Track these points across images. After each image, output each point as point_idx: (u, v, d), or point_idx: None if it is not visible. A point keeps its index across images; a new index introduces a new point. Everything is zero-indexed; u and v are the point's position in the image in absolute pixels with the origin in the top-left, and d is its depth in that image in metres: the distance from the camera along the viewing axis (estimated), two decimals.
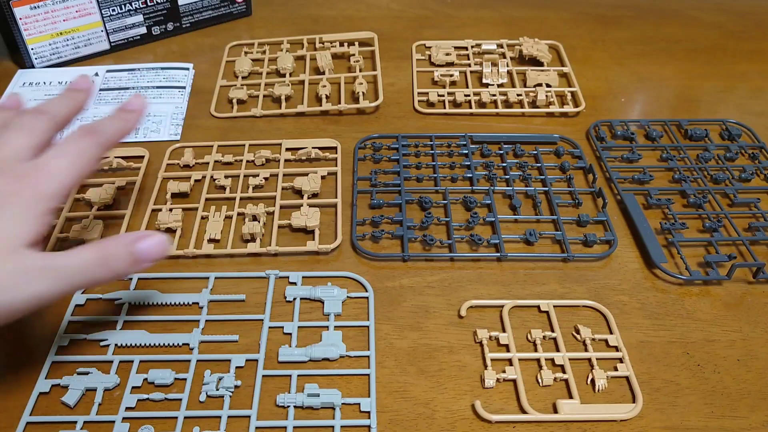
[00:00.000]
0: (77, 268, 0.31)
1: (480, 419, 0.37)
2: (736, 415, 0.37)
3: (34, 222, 0.30)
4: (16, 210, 0.30)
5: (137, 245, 0.32)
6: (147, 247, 0.32)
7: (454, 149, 0.55)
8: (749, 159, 0.55)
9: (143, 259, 0.32)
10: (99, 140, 0.34)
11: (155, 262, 0.33)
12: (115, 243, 0.32)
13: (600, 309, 0.43)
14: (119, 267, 0.32)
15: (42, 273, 0.30)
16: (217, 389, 0.38)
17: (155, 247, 0.32)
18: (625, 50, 0.68)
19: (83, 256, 0.31)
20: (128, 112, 0.37)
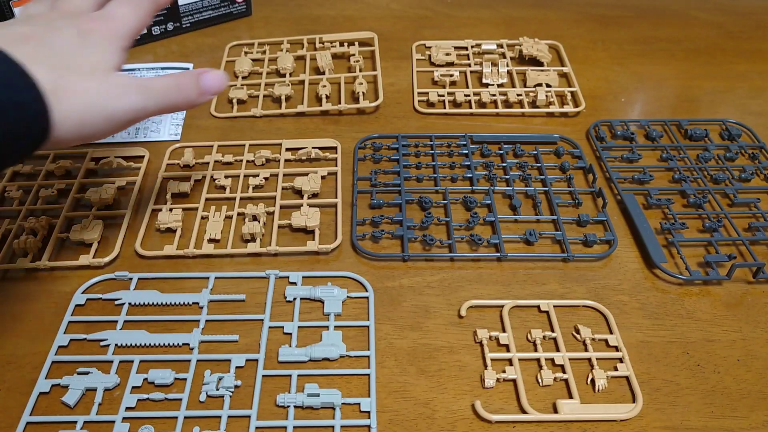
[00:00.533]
0: (160, 88, 0.35)
1: (480, 419, 0.37)
2: (736, 415, 0.37)
3: (115, 52, 0.35)
4: (99, 41, 0.34)
5: (202, 77, 0.37)
6: (210, 78, 0.37)
7: (454, 149, 0.55)
8: (749, 159, 0.55)
9: (206, 89, 0.37)
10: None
11: (216, 94, 0.38)
12: (186, 74, 0.37)
13: (600, 309, 0.43)
14: (190, 94, 0.37)
15: (135, 88, 0.34)
16: (217, 389, 0.38)
17: (216, 79, 0.38)
18: (625, 50, 0.68)
19: (163, 81, 0.36)
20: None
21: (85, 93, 0.32)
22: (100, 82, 0.33)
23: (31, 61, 0.30)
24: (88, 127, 0.33)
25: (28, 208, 0.49)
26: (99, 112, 0.33)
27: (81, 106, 0.32)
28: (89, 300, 0.43)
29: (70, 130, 0.32)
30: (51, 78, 0.31)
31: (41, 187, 0.51)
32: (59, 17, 0.35)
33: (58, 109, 0.31)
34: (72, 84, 0.32)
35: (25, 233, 0.47)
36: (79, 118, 0.32)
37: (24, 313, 0.42)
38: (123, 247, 0.47)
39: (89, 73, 0.33)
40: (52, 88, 0.31)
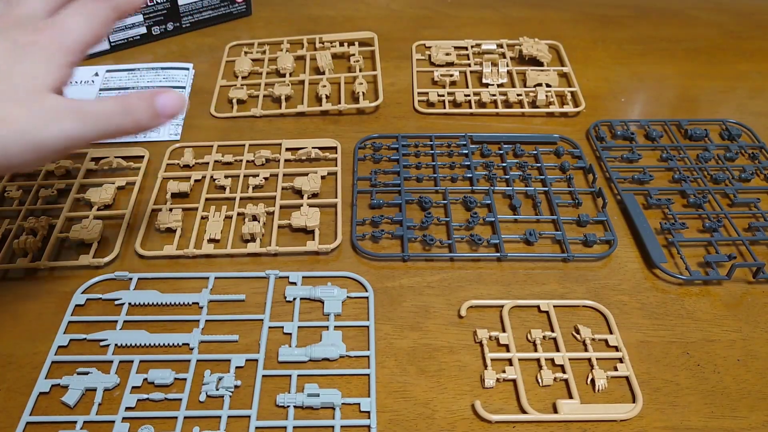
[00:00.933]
0: (103, 113, 0.32)
1: (480, 419, 0.37)
2: (736, 415, 0.37)
3: (56, 69, 0.31)
4: (37, 57, 0.31)
5: (157, 98, 0.33)
6: (165, 100, 0.33)
7: (454, 149, 0.55)
8: (749, 159, 0.55)
9: (162, 112, 0.33)
10: (113, 4, 0.35)
11: (172, 117, 0.34)
12: (137, 96, 0.33)
13: (600, 309, 0.43)
14: (141, 117, 0.33)
15: (69, 113, 0.31)
16: (217, 389, 0.38)
17: (172, 101, 0.33)
18: (625, 50, 0.68)
19: (107, 104, 0.32)
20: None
21: (12, 121, 0.29)
22: (30, 108, 0.30)
23: None
24: (12, 158, 0.30)
25: (28, 208, 0.49)
26: (26, 142, 0.30)
27: (5, 137, 0.29)
28: (89, 300, 0.43)
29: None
30: None
31: (41, 187, 0.51)
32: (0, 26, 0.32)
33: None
34: None
35: (25, 233, 0.47)
36: (1, 148, 0.29)
37: (24, 313, 0.42)
38: (123, 247, 0.47)
39: (18, 96, 0.30)
40: None
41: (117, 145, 0.55)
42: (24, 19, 0.33)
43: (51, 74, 0.31)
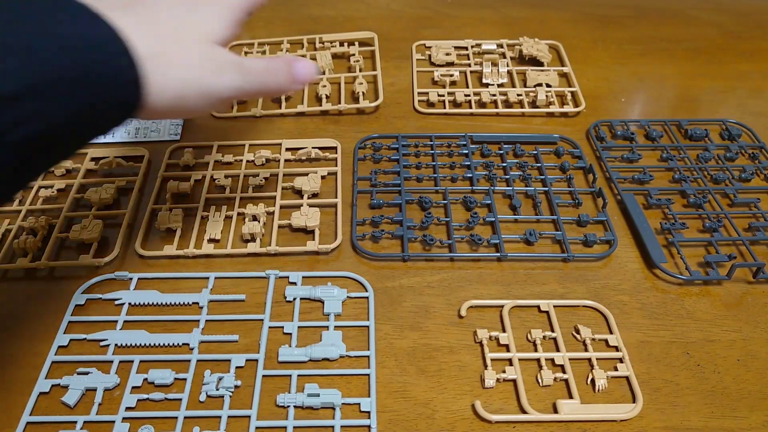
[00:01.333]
0: (256, 69, 0.34)
1: (480, 419, 0.37)
2: (736, 415, 0.37)
3: (225, 25, 0.34)
4: (209, 12, 0.33)
5: (294, 64, 0.36)
6: (301, 67, 0.36)
7: (454, 149, 0.55)
8: (749, 159, 0.55)
9: (297, 77, 0.36)
10: None
11: (305, 84, 0.38)
12: (279, 59, 0.36)
13: (600, 309, 0.43)
14: (282, 79, 0.36)
15: (234, 66, 0.33)
16: (217, 389, 0.38)
17: (307, 68, 0.36)
18: (625, 50, 0.68)
19: (259, 63, 0.35)
20: None
21: (186, 66, 0.31)
22: (202, 56, 0.32)
23: (131, 27, 0.29)
24: (185, 100, 0.32)
25: (28, 208, 0.49)
26: (197, 87, 0.32)
27: (180, 79, 0.31)
28: (89, 300, 0.43)
29: (166, 102, 0.31)
30: (150, 45, 0.29)
31: (41, 187, 0.51)
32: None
33: (155, 79, 0.30)
34: (173, 54, 0.31)
35: (25, 233, 0.47)
36: (177, 90, 0.31)
37: (24, 313, 0.42)
38: (123, 247, 0.47)
39: (192, 44, 0.32)
40: (150, 56, 0.29)
41: (117, 145, 0.55)
42: None
43: (220, 29, 0.33)
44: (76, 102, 0.27)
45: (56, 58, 0.26)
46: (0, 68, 0.25)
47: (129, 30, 0.28)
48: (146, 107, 0.30)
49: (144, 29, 0.29)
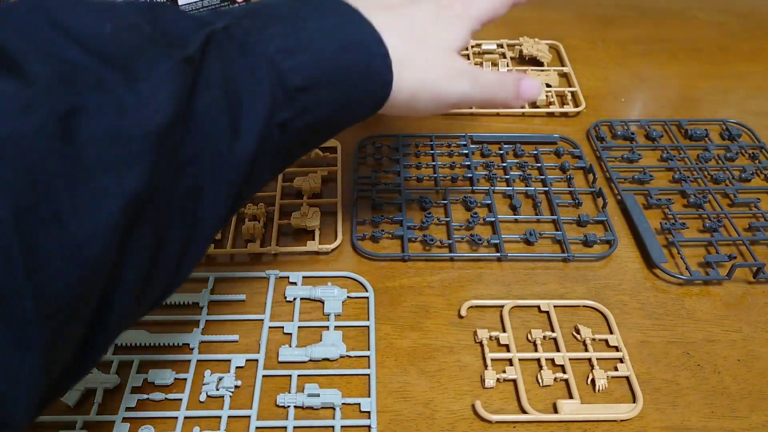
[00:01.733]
0: (487, 82, 0.36)
1: (480, 419, 0.37)
2: (736, 415, 0.37)
3: (463, 33, 0.35)
4: (452, 22, 0.35)
5: (522, 82, 0.37)
6: (529, 86, 0.37)
7: (454, 149, 0.55)
8: (749, 159, 0.55)
9: (523, 95, 0.37)
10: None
11: (529, 101, 0.39)
12: (509, 75, 0.37)
13: (600, 309, 0.43)
14: (509, 95, 0.37)
15: (467, 75, 0.35)
16: (217, 389, 0.38)
17: (534, 88, 0.37)
18: (625, 50, 0.68)
19: (491, 76, 0.36)
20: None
21: (426, 69, 0.33)
22: (441, 62, 0.34)
23: (388, 30, 0.31)
24: (418, 101, 0.33)
25: None
26: (432, 89, 0.34)
27: (418, 81, 0.33)
28: None
29: (402, 101, 0.33)
30: (401, 48, 0.32)
31: None
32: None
33: (398, 79, 0.32)
34: (417, 57, 0.33)
35: None
36: (413, 91, 0.33)
37: None
38: None
39: (434, 51, 0.34)
40: (399, 59, 0.31)
41: None
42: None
43: (459, 38, 0.35)
44: (344, 96, 0.30)
45: (336, 55, 0.29)
46: (294, 63, 0.28)
47: (387, 34, 0.31)
48: (387, 103, 0.32)
49: (399, 34, 0.32)
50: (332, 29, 0.30)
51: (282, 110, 0.28)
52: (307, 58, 0.28)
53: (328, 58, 0.29)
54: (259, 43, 0.27)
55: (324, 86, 0.29)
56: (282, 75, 0.27)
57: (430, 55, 0.33)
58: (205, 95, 0.25)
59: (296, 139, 0.30)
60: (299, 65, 0.28)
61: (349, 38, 0.30)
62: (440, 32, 0.34)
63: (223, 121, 0.26)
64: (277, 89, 0.27)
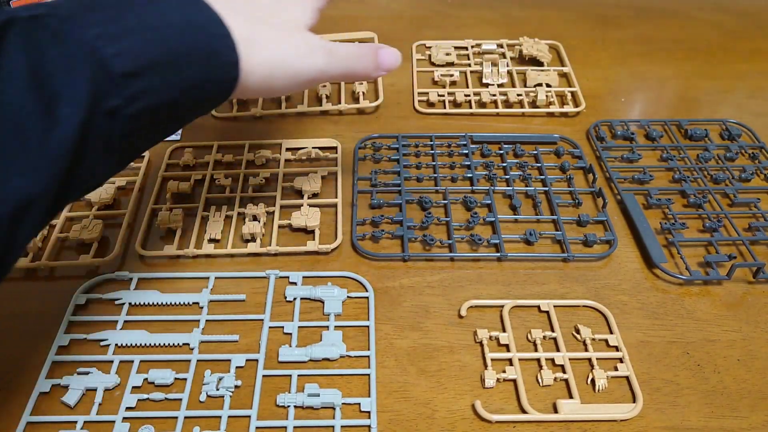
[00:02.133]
0: (344, 54, 0.36)
1: (480, 419, 0.37)
2: (736, 415, 0.37)
3: (309, 12, 0.37)
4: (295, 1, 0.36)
5: (379, 52, 0.38)
6: (386, 54, 0.38)
7: (454, 149, 0.55)
8: (749, 159, 0.55)
9: (382, 64, 0.38)
10: None
11: (389, 71, 0.39)
12: (365, 46, 0.38)
13: (600, 309, 0.43)
14: (368, 65, 0.37)
15: (322, 50, 0.35)
16: (217, 389, 0.38)
17: (392, 56, 0.38)
18: (625, 50, 0.68)
19: (346, 48, 0.37)
20: None
21: (276, 47, 0.33)
22: (291, 39, 0.34)
23: (228, 12, 0.31)
24: (273, 80, 0.34)
25: None
26: (286, 67, 0.34)
27: (270, 60, 0.33)
28: (89, 300, 0.43)
29: (256, 82, 0.33)
30: (245, 29, 0.32)
31: None
32: None
33: (248, 60, 0.32)
34: (264, 37, 0.33)
35: None
36: (266, 71, 0.33)
37: (24, 313, 0.42)
38: (123, 247, 0.47)
39: (282, 28, 0.34)
40: (244, 39, 0.31)
41: None
42: None
43: (306, 16, 0.36)
44: (184, 79, 0.30)
45: (170, 39, 0.29)
46: (122, 47, 0.27)
47: (229, 16, 0.31)
48: (239, 87, 0.32)
49: (241, 14, 0.32)
50: (165, 12, 0.30)
51: (109, 97, 0.27)
52: (134, 43, 0.28)
53: (160, 41, 0.29)
54: (76, 30, 0.27)
55: (159, 71, 0.29)
56: (104, 61, 0.27)
57: (279, 33, 0.34)
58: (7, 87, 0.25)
59: (134, 127, 0.29)
60: (125, 50, 0.27)
61: (186, 20, 0.30)
62: (285, 12, 0.35)
63: (34, 112, 0.25)
64: (99, 75, 0.27)
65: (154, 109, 0.29)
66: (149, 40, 0.28)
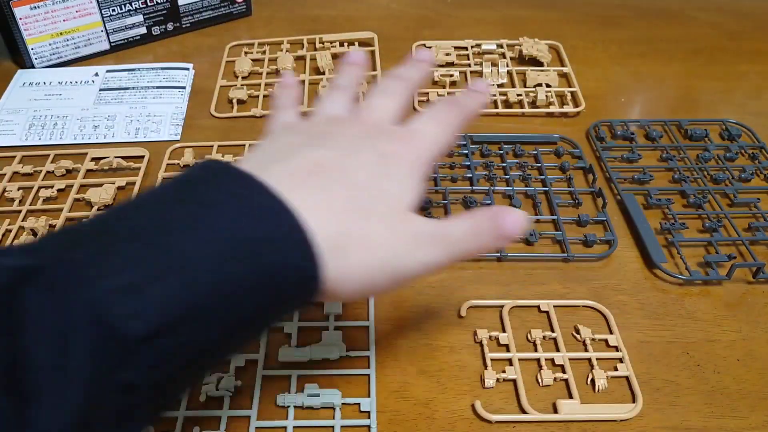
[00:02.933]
0: (457, 237, 0.29)
1: (480, 419, 0.37)
2: (736, 415, 0.37)
3: (416, 185, 0.29)
4: (401, 171, 0.28)
5: (502, 219, 0.29)
6: (510, 221, 0.29)
7: (454, 149, 0.54)
8: (749, 159, 0.55)
9: (505, 234, 0.29)
10: (461, 111, 0.33)
11: (514, 240, 0.30)
12: (485, 215, 0.29)
13: (600, 309, 0.43)
14: (486, 240, 0.29)
15: (431, 239, 0.28)
16: (217, 389, 0.38)
17: (516, 222, 0.29)
18: (625, 50, 0.68)
19: (461, 227, 0.29)
20: (477, 93, 0.35)
21: (376, 247, 0.26)
22: (395, 231, 0.27)
23: (316, 206, 0.24)
24: (370, 286, 0.27)
25: (28, 209, 0.49)
26: (390, 269, 0.27)
27: (366, 264, 0.26)
28: None
29: (348, 289, 0.26)
30: (336, 229, 0.25)
31: (41, 187, 0.51)
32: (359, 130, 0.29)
33: (337, 266, 0.25)
34: (361, 235, 0.26)
35: (26, 233, 0.47)
36: (361, 277, 0.26)
37: None
38: None
39: (384, 217, 0.27)
40: (334, 243, 0.25)
41: (117, 145, 0.55)
42: (383, 125, 0.31)
43: (413, 191, 0.28)
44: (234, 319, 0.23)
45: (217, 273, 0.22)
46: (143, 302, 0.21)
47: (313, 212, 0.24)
48: (326, 296, 0.26)
49: (332, 207, 0.25)
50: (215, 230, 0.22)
51: (120, 370, 0.20)
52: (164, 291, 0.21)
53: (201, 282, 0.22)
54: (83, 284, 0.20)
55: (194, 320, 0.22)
56: (113, 325, 0.20)
57: (377, 227, 0.26)
58: None
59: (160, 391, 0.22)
60: (145, 306, 0.21)
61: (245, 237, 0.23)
62: (389, 190, 0.27)
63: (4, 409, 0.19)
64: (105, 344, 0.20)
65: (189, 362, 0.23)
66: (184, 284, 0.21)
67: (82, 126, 0.57)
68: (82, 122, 0.57)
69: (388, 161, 0.28)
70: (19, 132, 0.57)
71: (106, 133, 0.57)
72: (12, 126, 0.57)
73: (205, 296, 0.22)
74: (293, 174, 0.25)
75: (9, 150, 0.55)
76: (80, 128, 0.57)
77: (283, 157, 0.27)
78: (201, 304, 0.22)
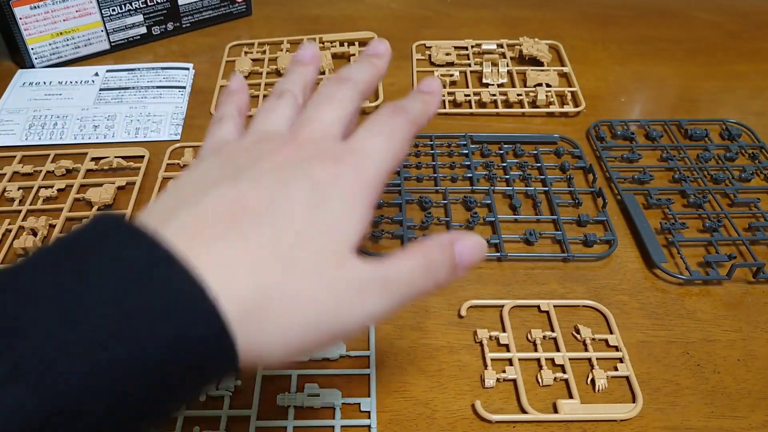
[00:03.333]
0: (406, 280, 0.24)
1: (480, 419, 0.37)
2: (736, 415, 0.37)
3: (360, 217, 0.24)
4: (342, 201, 0.23)
5: (456, 247, 0.26)
6: (467, 249, 0.26)
7: (454, 149, 0.55)
8: (749, 159, 0.55)
9: (463, 264, 0.26)
10: (410, 118, 0.27)
11: (470, 269, 0.27)
12: (436, 247, 0.25)
13: (600, 309, 0.43)
14: (440, 275, 0.25)
15: (373, 285, 0.23)
16: (217, 389, 0.38)
17: (474, 249, 0.26)
18: (625, 50, 0.68)
19: (409, 265, 0.24)
20: (427, 94, 0.30)
21: (305, 304, 0.22)
22: (329, 281, 0.22)
23: (227, 261, 0.20)
24: (304, 347, 0.22)
25: (28, 209, 0.49)
26: (322, 327, 0.22)
27: (295, 325, 0.21)
28: None
29: (277, 355, 0.22)
30: (254, 288, 0.21)
31: (41, 187, 0.51)
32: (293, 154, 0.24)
33: (257, 331, 0.21)
34: (286, 292, 0.21)
35: (25, 233, 0.47)
36: (290, 340, 0.22)
37: None
38: None
39: (316, 265, 0.22)
40: (251, 306, 0.20)
41: (117, 145, 0.55)
42: (322, 143, 0.25)
43: (356, 223, 0.24)
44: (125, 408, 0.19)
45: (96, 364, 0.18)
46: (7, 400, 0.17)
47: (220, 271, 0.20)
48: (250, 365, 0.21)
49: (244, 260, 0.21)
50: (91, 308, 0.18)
51: None
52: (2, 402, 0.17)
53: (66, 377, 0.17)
54: None
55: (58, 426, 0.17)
56: None
57: (308, 278, 0.22)
58: None
59: None
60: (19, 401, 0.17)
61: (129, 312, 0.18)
62: (325, 226, 0.23)
63: None
64: None
65: None
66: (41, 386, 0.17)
67: (82, 126, 0.57)
68: (82, 122, 0.57)
69: (325, 191, 0.23)
70: (19, 132, 0.57)
71: (106, 132, 0.57)
72: (12, 126, 0.57)
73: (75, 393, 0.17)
74: (203, 220, 0.21)
75: (9, 150, 0.55)
76: (80, 128, 0.57)
77: (196, 199, 0.22)
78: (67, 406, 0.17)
